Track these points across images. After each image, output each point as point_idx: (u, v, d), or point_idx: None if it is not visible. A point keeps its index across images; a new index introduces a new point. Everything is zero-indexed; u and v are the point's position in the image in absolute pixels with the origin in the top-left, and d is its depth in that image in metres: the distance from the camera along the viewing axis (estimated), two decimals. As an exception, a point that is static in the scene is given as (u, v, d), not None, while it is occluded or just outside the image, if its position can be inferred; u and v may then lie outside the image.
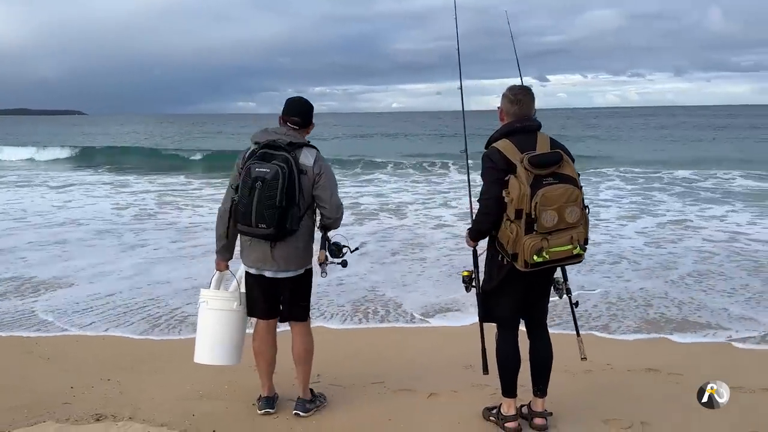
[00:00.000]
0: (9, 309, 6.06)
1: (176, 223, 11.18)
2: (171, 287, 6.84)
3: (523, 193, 3.01)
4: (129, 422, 3.55)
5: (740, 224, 10.79)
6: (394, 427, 3.57)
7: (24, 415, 3.63)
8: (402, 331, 5.60)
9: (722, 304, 6.26)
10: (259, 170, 3.24)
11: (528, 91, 3.41)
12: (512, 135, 3.24)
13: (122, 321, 5.75)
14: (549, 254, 3.04)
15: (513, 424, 3.47)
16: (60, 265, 7.87)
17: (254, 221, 3.25)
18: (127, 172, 22.16)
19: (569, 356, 3.75)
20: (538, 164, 3.05)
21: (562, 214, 3.03)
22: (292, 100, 3.58)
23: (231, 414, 3.70)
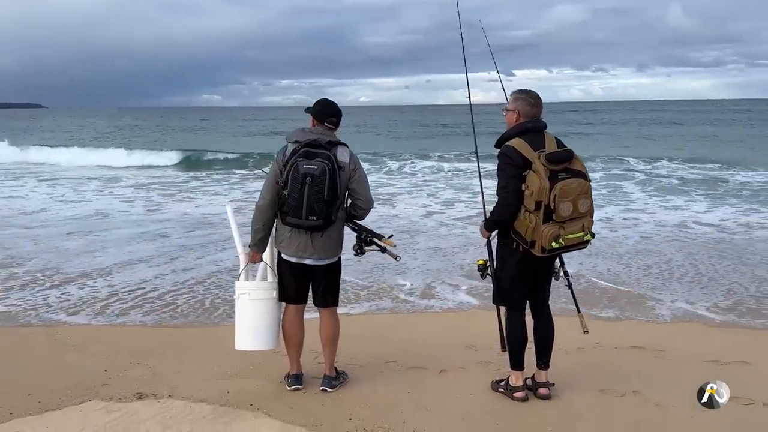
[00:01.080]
0: (28, 298, 6.26)
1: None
2: (188, 276, 7.10)
3: (543, 186, 3.38)
4: (169, 399, 3.84)
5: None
6: (413, 398, 3.92)
7: (69, 396, 3.88)
8: (402, 316, 5.97)
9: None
10: (307, 167, 3.54)
11: (533, 93, 3.80)
12: (524, 134, 3.62)
13: (144, 310, 6.03)
14: (564, 240, 3.45)
15: (521, 394, 3.87)
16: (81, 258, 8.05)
17: (305, 214, 3.56)
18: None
19: (562, 336, 4.14)
20: (554, 161, 3.45)
21: (576, 204, 3.44)
22: (327, 102, 3.91)
23: (263, 390, 4.01)
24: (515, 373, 3.92)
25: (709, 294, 6.61)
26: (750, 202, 12.99)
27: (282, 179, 3.65)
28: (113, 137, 42.56)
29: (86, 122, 71.16)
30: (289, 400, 3.86)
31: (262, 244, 3.89)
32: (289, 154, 3.71)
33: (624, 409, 3.80)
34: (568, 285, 3.96)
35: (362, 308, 6.14)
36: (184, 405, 3.75)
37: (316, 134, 3.76)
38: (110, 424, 3.49)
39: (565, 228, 3.45)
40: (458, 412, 3.71)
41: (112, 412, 3.66)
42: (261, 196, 3.83)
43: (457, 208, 12.69)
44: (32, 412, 3.65)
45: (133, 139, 41.37)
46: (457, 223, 10.92)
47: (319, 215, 3.58)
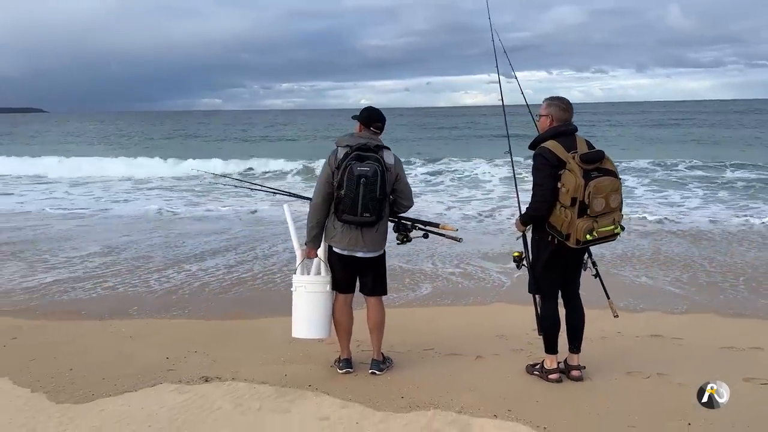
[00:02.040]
0: (82, 294, 6.61)
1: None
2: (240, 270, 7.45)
3: (578, 184, 3.74)
4: (234, 382, 4.18)
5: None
6: (454, 381, 4.25)
7: (140, 379, 4.23)
8: (433, 309, 6.30)
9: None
10: (360, 169, 3.92)
11: (564, 99, 4.17)
12: (558, 137, 3.98)
13: (194, 303, 6.41)
14: (597, 233, 3.81)
15: (555, 376, 4.23)
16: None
17: (360, 211, 3.94)
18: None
19: (586, 327, 4.45)
20: (588, 161, 3.81)
21: (608, 200, 3.80)
22: (374, 109, 4.28)
23: (317, 374, 4.35)
24: (550, 356, 4.26)
25: (720, 287, 6.96)
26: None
27: (336, 180, 4.00)
28: (162, 146, 38.84)
29: (110, 128, 69.37)
30: (344, 382, 4.21)
31: (317, 240, 4.24)
32: (341, 157, 4.06)
33: (650, 388, 4.14)
34: (596, 275, 4.30)
35: (395, 301, 6.47)
36: (248, 386, 4.10)
37: (365, 139, 4.12)
38: (185, 403, 3.84)
39: (598, 222, 3.80)
40: (498, 392, 4.04)
41: (184, 393, 4.01)
42: (315, 196, 4.19)
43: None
44: (112, 393, 4.00)
45: (193, 148, 37.78)
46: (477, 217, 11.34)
47: (372, 212, 3.96)
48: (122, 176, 20.69)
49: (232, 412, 3.72)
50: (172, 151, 30.28)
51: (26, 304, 6.37)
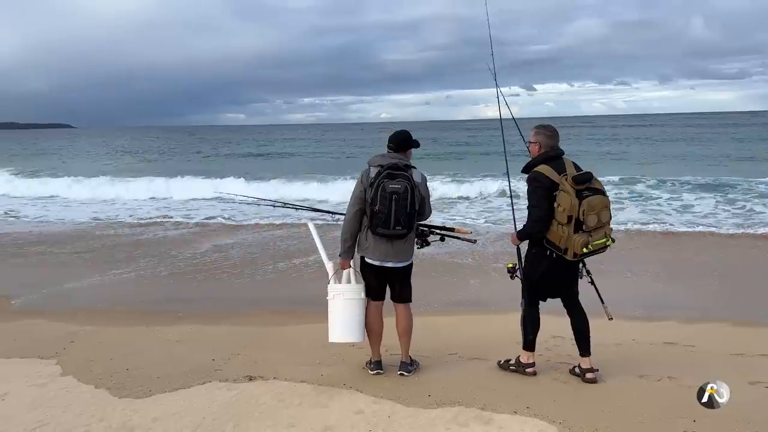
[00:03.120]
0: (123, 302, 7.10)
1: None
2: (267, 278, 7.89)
3: (573, 203, 4.20)
4: (275, 381, 4.59)
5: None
6: (477, 381, 4.60)
7: (191, 378, 4.66)
8: (455, 317, 6.65)
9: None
10: (392, 186, 4.33)
11: (551, 127, 4.65)
12: (548, 161, 4.43)
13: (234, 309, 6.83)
14: (592, 246, 4.28)
15: (532, 369, 4.70)
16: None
17: (393, 225, 4.35)
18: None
19: (601, 334, 4.86)
20: (580, 181, 4.28)
21: (600, 216, 4.26)
22: (403, 133, 4.71)
23: (350, 374, 4.74)
24: (527, 353, 4.73)
25: (734, 296, 7.21)
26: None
27: (369, 197, 4.41)
28: (240, 164, 35.31)
29: (160, 144, 65.87)
30: (375, 381, 4.59)
31: (350, 252, 4.64)
32: (374, 175, 4.47)
33: (661, 390, 4.45)
34: (591, 282, 4.69)
35: (423, 309, 6.80)
36: (289, 385, 4.51)
37: (395, 159, 4.54)
38: (233, 398, 4.26)
39: (592, 236, 4.27)
40: (517, 392, 4.39)
41: (232, 389, 4.43)
42: (348, 211, 4.60)
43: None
44: (167, 390, 4.44)
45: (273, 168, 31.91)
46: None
47: (404, 225, 4.37)
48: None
49: (276, 407, 4.12)
50: (247, 170, 28.56)
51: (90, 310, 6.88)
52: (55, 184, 22.79)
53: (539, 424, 3.86)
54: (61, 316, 6.62)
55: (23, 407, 4.16)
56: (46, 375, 4.77)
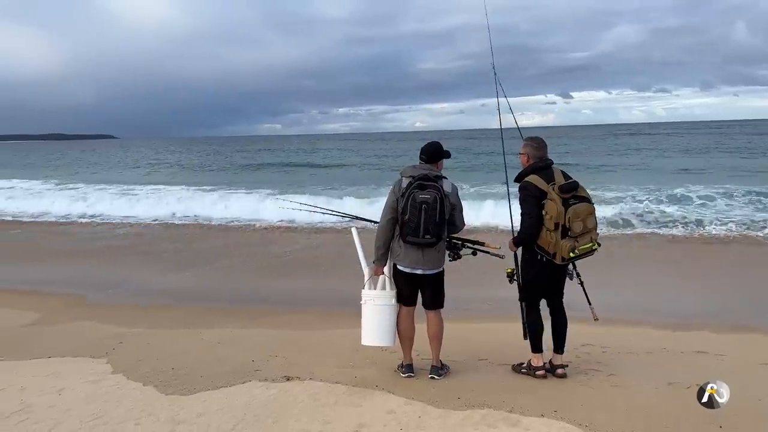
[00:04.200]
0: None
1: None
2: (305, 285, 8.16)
3: (559, 211, 4.47)
4: (311, 381, 4.81)
5: None
6: (506, 385, 4.73)
7: (233, 377, 4.91)
8: (485, 324, 6.78)
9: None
10: (422, 197, 4.52)
11: (540, 140, 4.90)
12: (538, 171, 4.70)
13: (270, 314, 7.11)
14: (579, 251, 4.53)
15: (541, 372, 4.88)
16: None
17: (422, 233, 4.54)
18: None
19: (630, 342, 4.93)
20: (566, 190, 4.54)
21: (585, 223, 4.53)
22: (434, 145, 4.89)
23: (383, 377, 4.92)
24: (536, 355, 4.92)
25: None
26: None
27: (401, 206, 4.60)
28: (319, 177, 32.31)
29: (214, 158, 56.33)
30: (407, 384, 4.76)
31: (384, 259, 4.84)
32: (405, 186, 4.67)
33: (690, 397, 4.47)
34: (580, 283, 4.94)
35: (455, 315, 6.94)
36: (324, 385, 4.72)
37: (426, 170, 4.73)
38: (272, 396, 4.49)
39: (579, 241, 4.53)
40: (546, 396, 4.50)
41: (270, 388, 4.66)
42: (381, 220, 4.80)
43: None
44: (210, 388, 4.69)
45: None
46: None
47: (433, 234, 4.55)
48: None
49: (312, 405, 4.33)
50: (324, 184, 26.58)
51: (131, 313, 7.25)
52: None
53: (566, 427, 3.98)
54: (114, 317, 7.05)
55: (79, 401, 4.45)
56: (99, 373, 5.08)
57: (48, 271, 10.33)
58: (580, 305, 4.97)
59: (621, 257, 10.55)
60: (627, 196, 17.58)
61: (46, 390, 4.67)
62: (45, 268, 10.63)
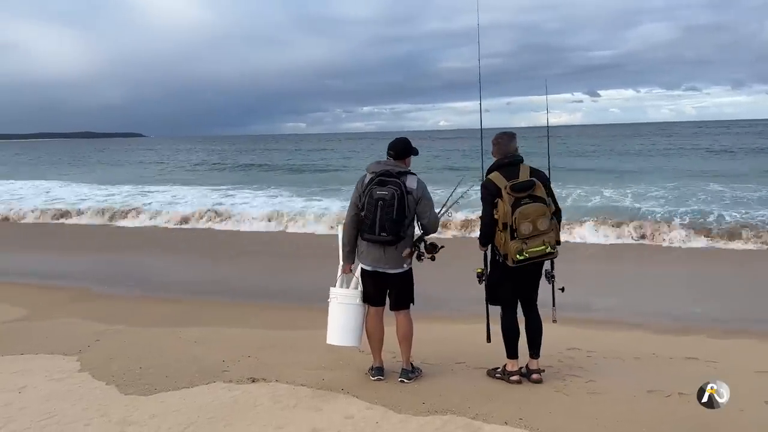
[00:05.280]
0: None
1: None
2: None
3: (506, 211, 4.28)
4: (277, 383, 4.69)
5: None
6: (478, 390, 4.55)
7: (198, 378, 4.82)
8: (469, 325, 6.56)
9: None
10: (379, 193, 4.39)
11: (505, 135, 4.67)
12: (501, 168, 4.49)
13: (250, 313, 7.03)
14: (528, 253, 4.30)
15: (516, 377, 4.66)
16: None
17: (378, 231, 4.40)
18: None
19: (621, 348, 4.84)
20: (518, 189, 4.32)
21: (535, 224, 4.27)
22: (395, 140, 4.73)
23: (351, 379, 4.78)
24: (510, 361, 4.71)
25: None
26: None
27: (360, 203, 4.48)
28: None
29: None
30: (374, 387, 4.61)
31: (350, 257, 4.71)
32: (367, 182, 4.55)
33: (667, 406, 4.28)
34: (553, 287, 4.72)
35: (433, 316, 6.75)
36: (289, 387, 4.60)
37: (389, 166, 4.59)
38: (232, 399, 4.38)
39: (527, 243, 4.29)
40: (516, 402, 4.31)
41: (233, 390, 4.55)
42: (345, 217, 4.67)
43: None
44: (172, 389, 4.60)
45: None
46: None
47: (389, 232, 4.39)
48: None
49: (271, 408, 4.21)
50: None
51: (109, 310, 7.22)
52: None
53: (526, 436, 3.80)
54: (100, 314, 7.07)
55: (37, 400, 4.40)
56: (66, 371, 5.02)
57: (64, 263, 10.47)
58: (570, 306, 4.75)
59: (626, 258, 10.28)
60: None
61: (8, 387, 4.63)
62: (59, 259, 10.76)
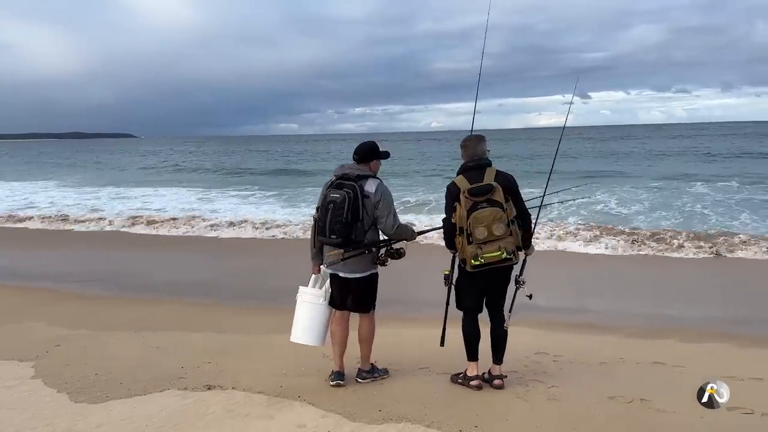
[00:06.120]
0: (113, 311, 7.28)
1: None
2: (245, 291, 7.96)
3: (461, 215, 4.22)
4: (233, 391, 4.58)
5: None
6: (438, 396, 4.47)
7: (152, 385, 4.71)
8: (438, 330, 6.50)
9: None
10: (332, 195, 4.37)
11: (473, 138, 4.57)
12: (466, 171, 4.41)
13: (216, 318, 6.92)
14: (484, 259, 4.20)
15: (476, 382, 4.59)
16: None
17: (328, 233, 4.36)
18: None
19: (588, 353, 4.79)
20: (475, 194, 4.22)
21: (490, 229, 4.16)
22: (367, 145, 4.66)
23: (310, 386, 4.68)
24: (470, 364, 4.65)
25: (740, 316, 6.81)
26: None
27: (318, 205, 4.48)
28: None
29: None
30: (331, 394, 4.52)
31: (317, 258, 4.70)
32: (328, 185, 4.51)
33: (627, 412, 4.23)
34: (515, 292, 4.61)
35: (404, 318, 6.68)
36: (245, 395, 4.49)
37: (349, 170, 4.54)
38: (184, 407, 4.27)
39: (483, 249, 4.19)
40: (474, 410, 4.23)
41: (186, 398, 4.44)
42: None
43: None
44: (123, 396, 4.49)
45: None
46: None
47: (339, 235, 4.33)
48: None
49: (222, 417, 4.11)
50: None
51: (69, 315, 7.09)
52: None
53: (481, 445, 3.72)
54: (63, 318, 6.92)
55: (-17, 408, 4.28)
56: (18, 377, 4.90)
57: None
58: (541, 309, 4.64)
59: (605, 263, 10.24)
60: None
61: (-44, 395, 4.51)
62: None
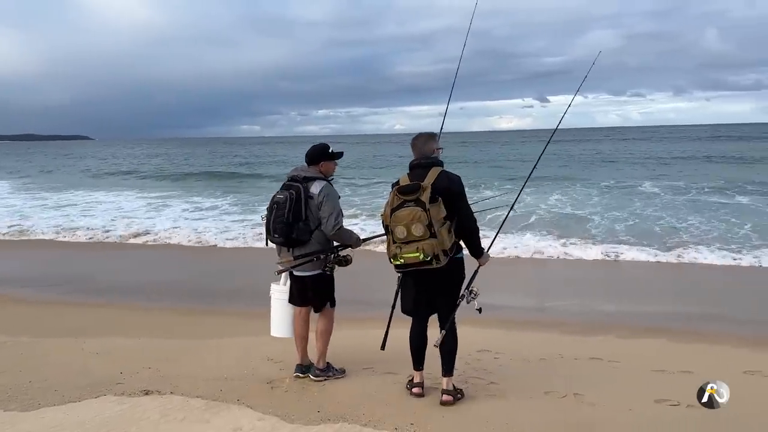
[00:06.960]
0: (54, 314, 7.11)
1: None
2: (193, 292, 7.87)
3: (386, 213, 4.13)
4: (171, 396, 4.53)
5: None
6: (378, 397, 4.51)
7: (88, 391, 4.63)
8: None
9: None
10: (277, 197, 4.45)
11: (421, 136, 4.42)
12: (412, 170, 4.32)
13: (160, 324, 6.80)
14: (403, 259, 4.05)
15: (417, 389, 4.55)
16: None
17: (272, 233, 4.44)
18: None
19: (530, 349, 4.93)
20: (402, 192, 4.10)
21: (409, 229, 3.99)
22: (316, 147, 4.71)
23: (251, 390, 4.66)
24: (414, 372, 4.63)
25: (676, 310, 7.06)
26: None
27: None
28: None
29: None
30: (271, 396, 4.52)
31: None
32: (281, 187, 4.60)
33: (560, 407, 4.35)
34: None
35: (357, 318, 6.69)
36: (182, 400, 4.45)
37: (297, 171, 4.61)
38: (119, 413, 4.21)
39: (402, 249, 4.04)
40: (411, 409, 4.29)
41: (123, 404, 4.38)
42: None
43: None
44: (56, 403, 4.41)
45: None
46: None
47: (281, 234, 4.41)
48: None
49: (157, 422, 4.06)
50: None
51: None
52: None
53: (415, 441, 3.78)
54: (4, 325, 6.75)
55: None
56: (-51, 386, 4.75)
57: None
58: (487, 307, 4.49)
59: (548, 262, 10.46)
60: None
61: None
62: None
